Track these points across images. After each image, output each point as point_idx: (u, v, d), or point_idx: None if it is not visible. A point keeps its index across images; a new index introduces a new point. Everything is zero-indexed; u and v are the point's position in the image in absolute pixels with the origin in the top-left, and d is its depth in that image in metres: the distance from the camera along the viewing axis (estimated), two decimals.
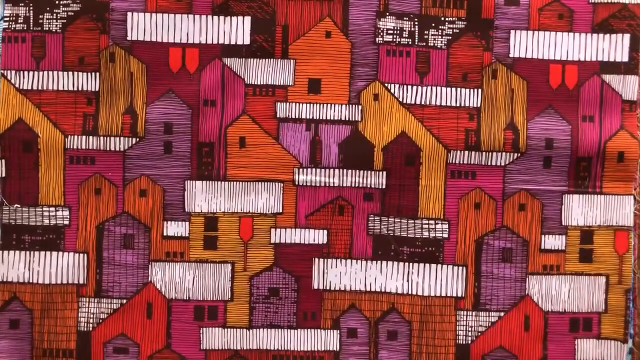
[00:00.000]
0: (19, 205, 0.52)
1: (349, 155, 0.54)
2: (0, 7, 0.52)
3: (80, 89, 0.53)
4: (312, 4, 0.53)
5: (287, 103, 0.54)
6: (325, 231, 0.54)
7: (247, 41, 0.53)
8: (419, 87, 0.54)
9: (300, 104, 0.54)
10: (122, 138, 0.53)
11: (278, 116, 0.54)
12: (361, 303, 0.54)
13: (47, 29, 0.52)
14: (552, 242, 0.54)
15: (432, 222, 0.54)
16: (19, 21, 0.52)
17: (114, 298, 0.53)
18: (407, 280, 0.54)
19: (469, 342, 0.54)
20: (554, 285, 0.54)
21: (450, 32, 0.54)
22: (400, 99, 0.54)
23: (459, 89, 0.54)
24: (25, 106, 0.52)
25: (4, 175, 0.52)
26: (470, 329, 0.54)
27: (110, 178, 0.53)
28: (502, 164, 0.54)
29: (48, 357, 0.53)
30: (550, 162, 0.54)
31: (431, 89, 0.54)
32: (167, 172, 0.53)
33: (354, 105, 0.54)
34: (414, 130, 0.54)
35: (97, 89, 0.53)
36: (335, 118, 0.54)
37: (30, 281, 0.53)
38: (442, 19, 0.54)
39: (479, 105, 0.54)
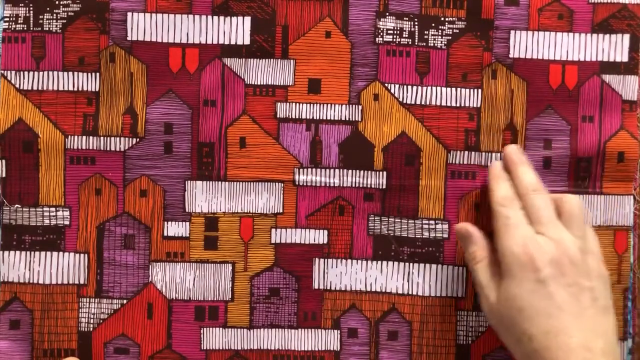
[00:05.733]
0: (19, 206, 0.52)
1: (349, 156, 0.54)
2: (0, 8, 0.52)
3: (80, 89, 0.53)
4: (312, 4, 0.53)
5: (287, 103, 0.54)
6: (326, 231, 0.54)
7: (247, 41, 0.53)
8: (419, 87, 0.54)
9: (300, 104, 0.54)
10: (122, 138, 0.53)
11: (278, 116, 0.54)
12: (362, 303, 0.54)
13: (47, 29, 0.52)
14: None
15: (432, 222, 0.54)
16: (19, 21, 0.52)
17: (115, 298, 0.53)
18: (408, 281, 0.54)
19: (469, 342, 0.54)
20: None
21: (450, 32, 0.54)
22: (400, 99, 0.54)
23: (459, 89, 0.54)
24: (25, 106, 0.52)
25: (4, 175, 0.52)
26: (470, 329, 0.54)
27: (110, 178, 0.53)
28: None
29: (49, 358, 0.53)
30: (550, 162, 0.54)
31: (431, 89, 0.54)
32: (167, 173, 0.53)
33: (354, 105, 0.54)
34: (414, 130, 0.54)
35: (97, 89, 0.53)
36: (336, 118, 0.54)
37: (31, 281, 0.53)
38: (442, 19, 0.54)
39: (479, 106, 0.54)
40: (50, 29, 0.52)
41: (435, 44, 0.54)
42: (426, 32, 0.54)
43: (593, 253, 0.48)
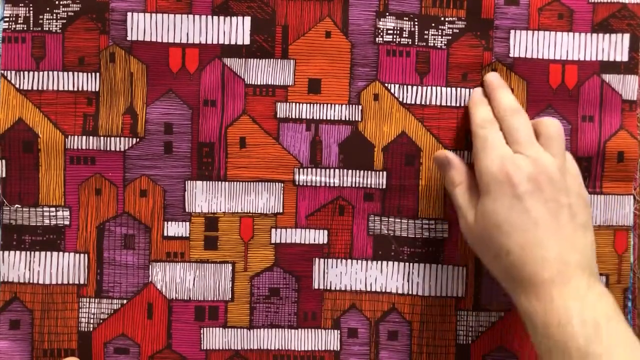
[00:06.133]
0: (19, 206, 0.52)
1: (349, 156, 0.54)
2: (0, 8, 0.52)
3: (80, 89, 0.53)
4: (312, 4, 0.53)
5: (287, 103, 0.54)
6: (326, 231, 0.54)
7: (247, 41, 0.53)
8: (419, 87, 0.54)
9: (300, 104, 0.54)
10: (122, 138, 0.53)
11: (278, 116, 0.54)
12: (362, 303, 0.54)
13: (47, 29, 0.52)
14: None
15: (432, 222, 0.54)
16: (19, 21, 0.52)
17: (115, 298, 0.53)
18: (408, 281, 0.54)
19: (469, 342, 0.54)
20: None
21: (450, 32, 0.54)
22: (400, 99, 0.54)
23: (459, 89, 0.54)
24: (25, 106, 0.52)
25: (4, 175, 0.52)
26: (470, 329, 0.54)
27: (110, 178, 0.53)
28: None
29: (49, 358, 0.53)
30: None
31: (431, 89, 0.54)
32: (167, 173, 0.53)
33: (354, 105, 0.54)
34: (414, 130, 0.54)
35: (97, 89, 0.53)
36: (336, 118, 0.54)
37: (31, 281, 0.53)
38: (442, 19, 0.54)
39: None
40: (50, 29, 0.52)
41: (435, 44, 0.54)
42: (426, 32, 0.54)
43: (572, 174, 0.48)
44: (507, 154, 0.47)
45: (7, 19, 0.52)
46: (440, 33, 0.54)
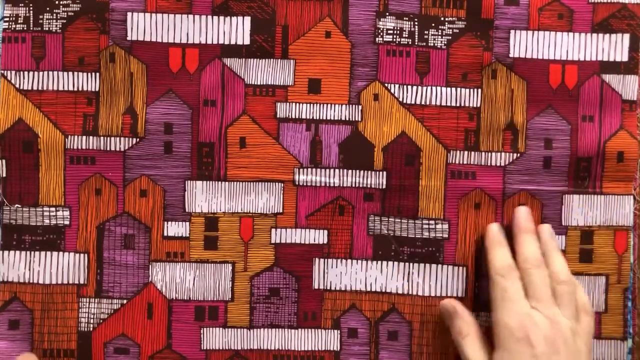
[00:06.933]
0: (19, 206, 0.52)
1: (349, 156, 0.54)
2: (0, 8, 0.52)
3: (80, 89, 0.53)
4: (312, 4, 0.53)
5: (287, 103, 0.54)
6: (326, 231, 0.54)
7: (247, 41, 0.53)
8: (419, 87, 0.54)
9: (300, 104, 0.54)
10: (122, 138, 0.53)
11: (278, 116, 0.54)
12: (362, 303, 0.54)
13: (47, 29, 0.52)
14: None
15: (432, 222, 0.54)
16: (19, 21, 0.52)
17: (115, 298, 0.53)
18: (408, 281, 0.54)
19: None
20: None
21: (450, 32, 0.54)
22: (400, 99, 0.54)
23: (458, 89, 0.54)
24: (25, 106, 0.52)
25: (4, 175, 0.52)
26: None
27: (110, 178, 0.53)
28: (502, 164, 0.54)
29: (49, 358, 0.53)
30: (550, 162, 0.54)
31: (431, 89, 0.54)
32: (167, 173, 0.53)
33: (354, 105, 0.54)
34: (414, 130, 0.54)
35: (97, 89, 0.53)
36: (336, 118, 0.54)
37: (31, 281, 0.53)
38: (442, 19, 0.54)
39: (478, 105, 0.54)
40: (50, 29, 0.52)
41: (435, 44, 0.54)
42: (426, 32, 0.54)
43: (581, 336, 0.49)
44: (526, 312, 0.48)
45: (7, 19, 0.52)
46: (440, 33, 0.54)
